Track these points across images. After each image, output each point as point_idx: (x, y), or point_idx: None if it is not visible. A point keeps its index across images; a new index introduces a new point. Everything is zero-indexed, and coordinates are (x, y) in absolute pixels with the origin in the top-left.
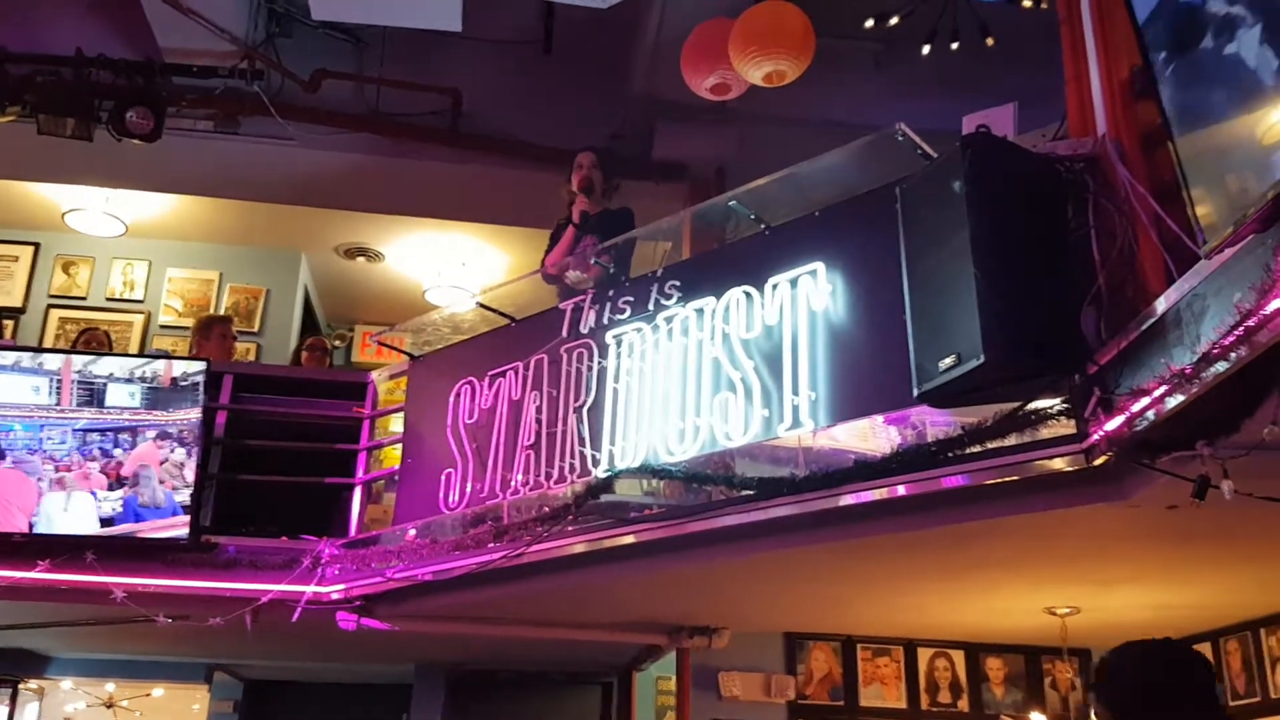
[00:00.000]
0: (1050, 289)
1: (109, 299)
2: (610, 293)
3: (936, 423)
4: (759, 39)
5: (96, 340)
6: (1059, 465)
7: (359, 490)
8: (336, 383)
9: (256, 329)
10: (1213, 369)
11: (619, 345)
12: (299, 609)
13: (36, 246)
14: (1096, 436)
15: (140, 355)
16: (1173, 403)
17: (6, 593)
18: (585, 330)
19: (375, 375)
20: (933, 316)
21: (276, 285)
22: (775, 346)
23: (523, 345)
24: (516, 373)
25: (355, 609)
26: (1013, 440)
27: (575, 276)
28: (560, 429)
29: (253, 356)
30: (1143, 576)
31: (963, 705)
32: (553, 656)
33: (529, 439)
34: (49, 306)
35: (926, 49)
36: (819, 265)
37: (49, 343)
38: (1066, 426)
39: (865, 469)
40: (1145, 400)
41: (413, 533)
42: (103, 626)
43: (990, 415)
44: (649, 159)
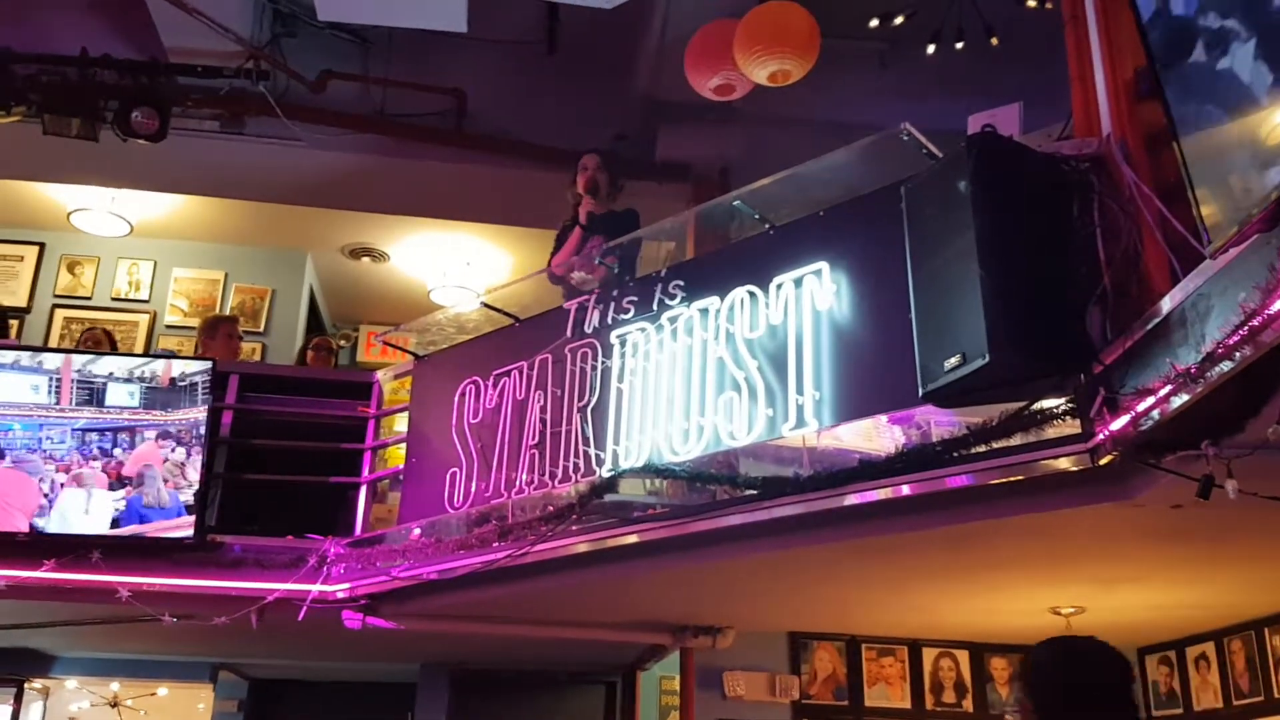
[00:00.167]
0: (1055, 289)
1: (114, 299)
2: (614, 293)
3: (941, 422)
4: (764, 38)
5: (93, 339)
6: (1064, 465)
7: (364, 489)
8: (342, 382)
9: (262, 329)
10: (1217, 368)
11: (623, 345)
12: (304, 608)
13: (41, 246)
14: (1102, 436)
15: (145, 355)
16: (1178, 402)
17: (12, 592)
18: (589, 330)
19: (380, 375)
20: (938, 316)
21: (282, 285)
22: (780, 346)
23: (527, 345)
24: (521, 372)
25: (360, 608)
26: (1018, 440)
27: (580, 277)
28: (564, 428)
29: (258, 356)
30: (1147, 576)
31: (967, 705)
32: (557, 656)
33: (533, 438)
34: (54, 306)
35: (931, 49)
36: (823, 265)
37: (54, 343)
38: (1071, 426)
39: (870, 469)
40: (1150, 400)
41: (417, 532)
42: (108, 626)
43: (995, 415)
44: (653, 159)
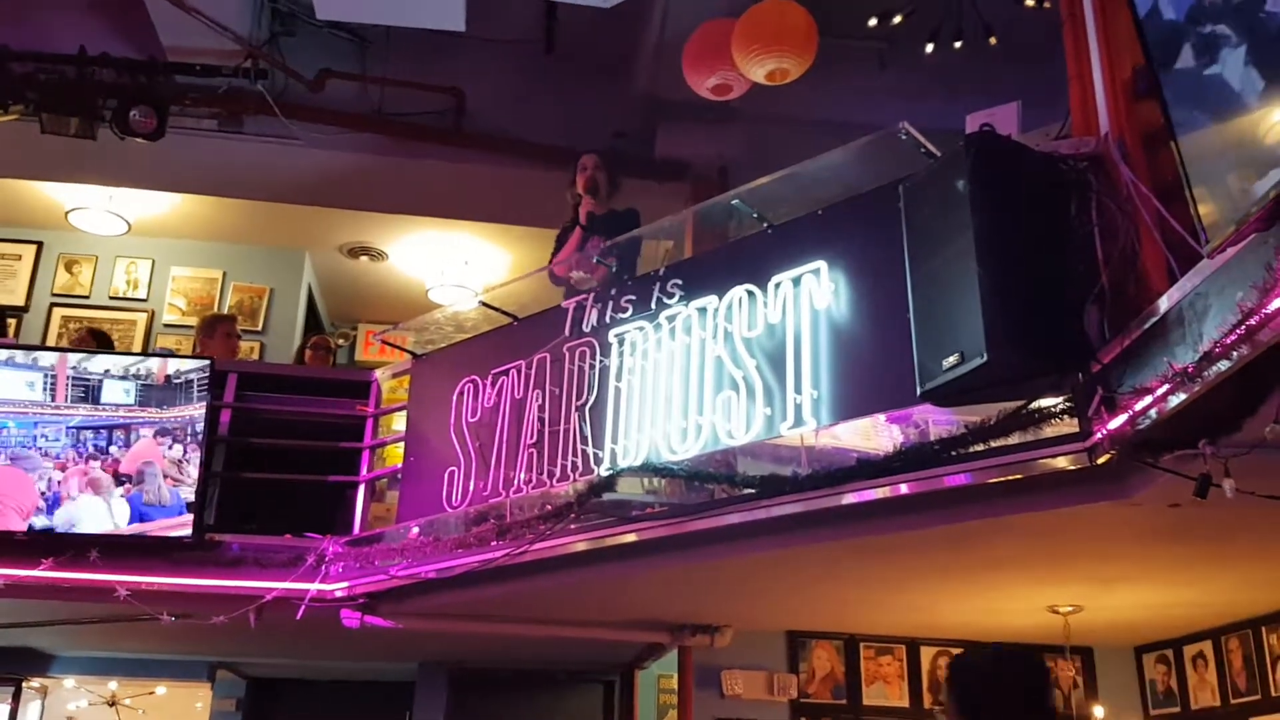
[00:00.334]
0: (1053, 288)
1: (112, 298)
2: (613, 291)
3: (939, 421)
4: (762, 37)
5: (79, 341)
6: (1062, 464)
7: (362, 488)
8: (340, 381)
9: (260, 328)
10: (1215, 367)
11: (621, 344)
12: (303, 607)
13: (39, 245)
14: (1099, 435)
15: (144, 354)
16: (1175, 401)
17: (10, 591)
18: (588, 329)
19: (379, 374)
20: (936, 315)
21: (280, 284)
22: (778, 345)
23: (525, 344)
24: (519, 371)
25: (359, 607)
26: (1015, 439)
27: (579, 276)
28: (562, 427)
29: (256, 355)
30: (1145, 575)
31: None
32: (555, 655)
33: (531, 437)
34: (52, 305)
35: (930, 48)
36: (822, 264)
37: (52, 342)
38: (1069, 425)
39: (868, 468)
40: (1148, 399)
41: (416, 531)
42: (106, 625)
43: (993, 414)
44: (651, 158)
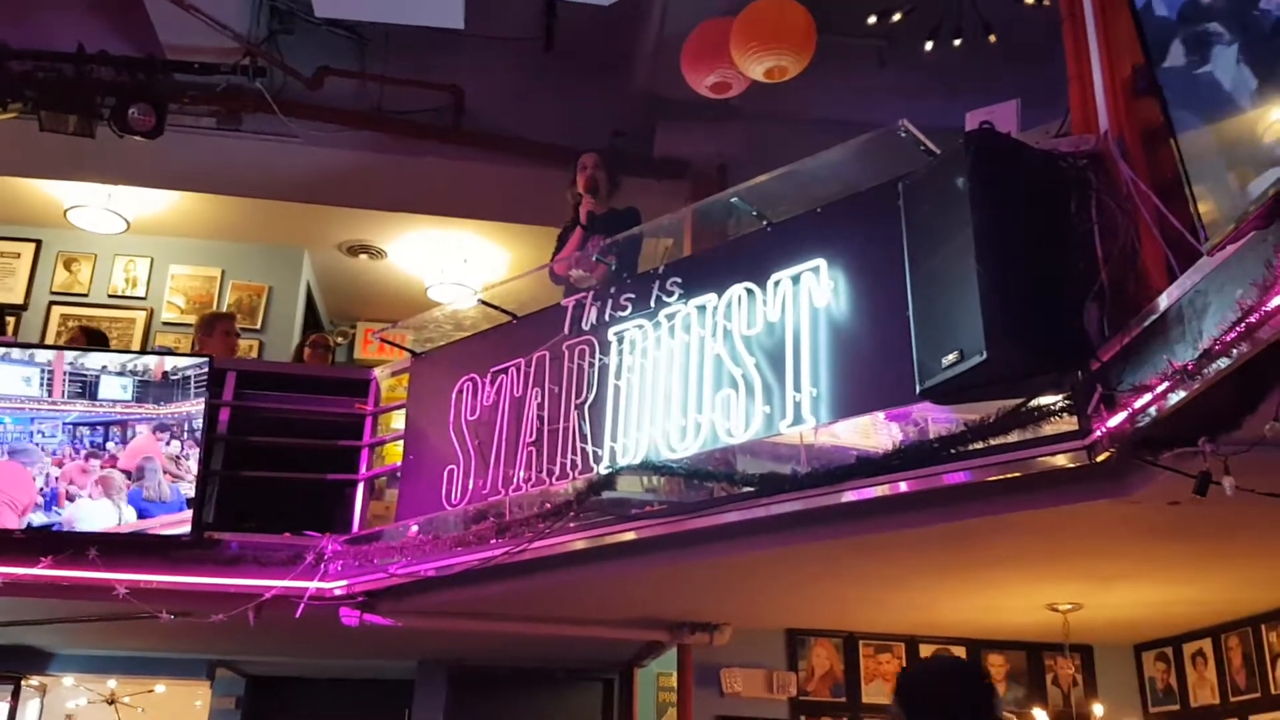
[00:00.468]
0: (1053, 286)
1: (111, 296)
2: (612, 290)
3: (938, 419)
4: (760, 34)
5: (72, 337)
6: (1061, 462)
7: (362, 486)
8: (339, 379)
9: (259, 326)
10: (1215, 365)
11: (621, 342)
12: (302, 605)
13: (38, 243)
14: (1099, 433)
15: (143, 352)
16: (1175, 399)
17: (9, 589)
18: (587, 327)
19: (378, 372)
20: (935, 313)
21: (279, 282)
22: (777, 343)
23: (525, 342)
24: (518, 369)
25: (358, 605)
26: (1015, 437)
27: (578, 275)
28: (562, 426)
29: (255, 353)
30: (1144, 572)
31: None
32: (554, 653)
33: (531, 436)
34: (51, 303)
35: (929, 46)
36: (821, 262)
37: (50, 340)
38: (1069, 423)
39: (867, 465)
40: (1147, 397)
41: (415, 529)
42: (105, 623)
43: (992, 412)
44: (651, 156)
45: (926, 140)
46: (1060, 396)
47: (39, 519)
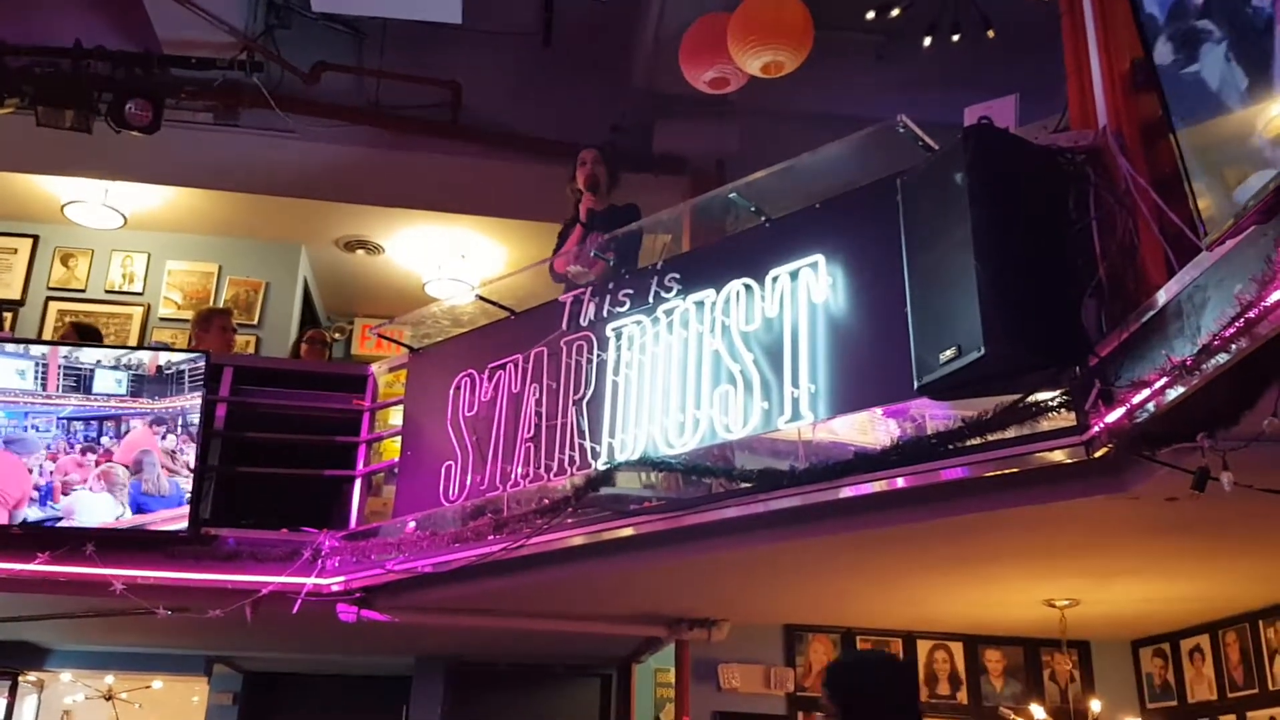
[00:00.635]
0: (1051, 281)
1: (108, 291)
2: (610, 285)
3: (936, 415)
4: (758, 29)
5: (64, 334)
6: (1059, 457)
7: (359, 482)
8: (336, 375)
9: (256, 321)
10: (1213, 361)
11: (619, 338)
12: (299, 601)
13: (35, 239)
14: (1097, 429)
15: (141, 348)
16: (1173, 395)
17: (6, 584)
18: (585, 323)
19: (375, 368)
20: (933, 309)
21: (276, 278)
22: (775, 339)
23: (522, 338)
24: (516, 365)
25: (355, 601)
26: (1013, 433)
27: (577, 271)
28: (560, 421)
29: (252, 349)
30: (1142, 568)
31: (961, 697)
32: (552, 649)
33: (529, 431)
34: (48, 299)
35: (928, 41)
36: (819, 257)
37: (48, 335)
38: (1067, 419)
39: (865, 461)
40: (1146, 392)
41: (412, 525)
42: (103, 619)
43: (990, 408)
44: (649, 152)
45: (925, 136)
46: (1058, 392)
47: (34, 513)
